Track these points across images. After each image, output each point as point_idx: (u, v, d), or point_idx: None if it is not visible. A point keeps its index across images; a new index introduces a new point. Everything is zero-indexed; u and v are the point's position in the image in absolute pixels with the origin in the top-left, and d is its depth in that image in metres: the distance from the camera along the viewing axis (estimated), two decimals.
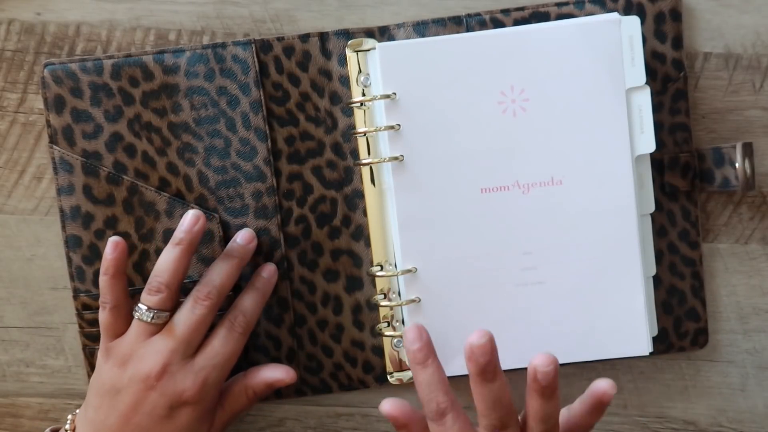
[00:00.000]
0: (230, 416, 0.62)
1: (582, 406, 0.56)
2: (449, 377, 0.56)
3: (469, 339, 0.51)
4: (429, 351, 0.54)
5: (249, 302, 0.61)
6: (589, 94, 0.60)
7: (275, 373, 0.61)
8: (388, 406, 0.56)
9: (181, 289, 0.61)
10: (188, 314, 0.58)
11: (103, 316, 0.59)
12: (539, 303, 0.61)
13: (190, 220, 0.59)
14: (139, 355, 0.58)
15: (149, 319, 0.58)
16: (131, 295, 0.62)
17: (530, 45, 0.60)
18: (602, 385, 0.54)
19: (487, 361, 0.51)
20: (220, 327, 0.60)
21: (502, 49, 0.60)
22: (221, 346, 0.59)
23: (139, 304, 0.58)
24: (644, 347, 0.62)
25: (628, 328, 0.62)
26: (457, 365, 0.59)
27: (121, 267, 0.58)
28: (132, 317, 0.59)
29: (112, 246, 0.58)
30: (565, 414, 0.57)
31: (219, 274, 0.59)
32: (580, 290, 0.62)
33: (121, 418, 0.58)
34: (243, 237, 0.61)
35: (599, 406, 0.55)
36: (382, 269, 0.63)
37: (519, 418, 0.56)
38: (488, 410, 0.53)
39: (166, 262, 0.58)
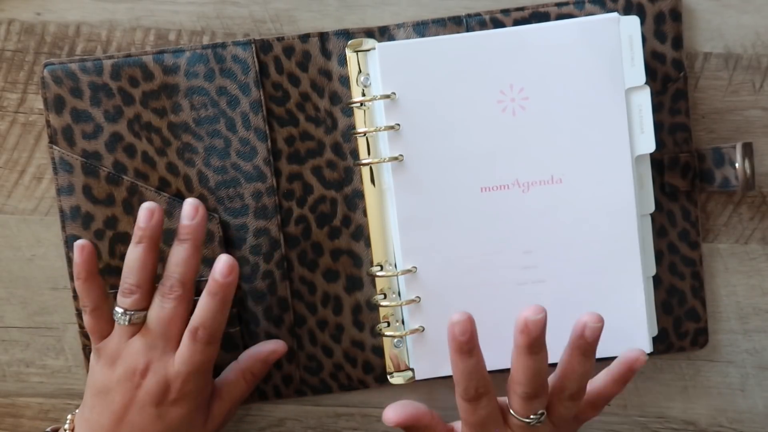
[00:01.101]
0: (230, 405, 0.62)
1: (608, 374, 0.58)
2: (447, 377, 0.56)
3: (525, 312, 0.53)
4: (475, 341, 0.55)
5: (205, 312, 0.58)
6: (589, 93, 0.61)
7: (267, 347, 0.62)
8: (391, 413, 0.58)
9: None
10: (158, 311, 0.58)
11: (86, 319, 0.59)
12: (539, 302, 0.61)
13: (144, 214, 0.57)
14: (123, 355, 0.58)
15: (126, 322, 0.58)
16: None
17: (529, 44, 0.60)
18: (634, 352, 0.58)
19: (539, 335, 0.53)
20: (185, 337, 0.58)
21: (501, 49, 0.60)
22: (190, 356, 0.58)
23: (116, 308, 0.58)
24: (645, 346, 0.62)
25: (629, 327, 0.62)
26: None
27: (92, 269, 0.58)
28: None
29: (78, 250, 0.57)
30: (590, 389, 0.58)
31: (176, 263, 0.58)
32: (581, 289, 0.62)
33: (114, 418, 0.58)
34: (188, 214, 0.58)
35: (627, 374, 0.58)
36: (382, 269, 0.63)
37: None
38: (527, 380, 0.54)
39: (132, 262, 0.58)
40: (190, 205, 0.58)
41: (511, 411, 0.56)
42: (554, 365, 0.63)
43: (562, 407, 0.56)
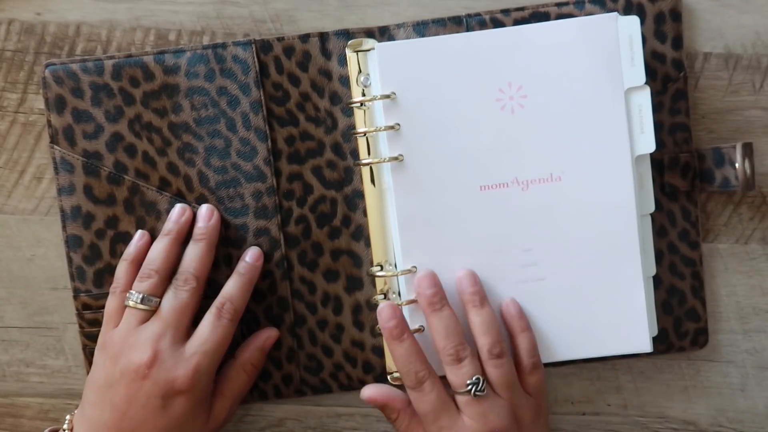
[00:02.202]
0: (232, 401, 0.62)
1: (509, 331, 0.62)
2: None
3: (417, 275, 0.60)
4: (404, 327, 0.59)
5: (234, 289, 0.61)
6: (587, 92, 0.61)
7: (261, 335, 0.63)
8: (367, 391, 0.61)
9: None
10: (172, 299, 0.60)
11: (112, 301, 0.60)
12: (540, 299, 0.62)
13: (177, 211, 0.62)
14: (129, 344, 0.59)
15: (139, 302, 0.59)
16: None
17: (528, 43, 0.60)
18: (504, 302, 0.62)
19: (434, 292, 0.59)
20: (209, 314, 0.60)
21: (499, 48, 0.60)
22: (210, 332, 0.59)
23: (131, 291, 0.60)
24: (645, 344, 0.62)
25: (629, 325, 0.62)
26: None
27: (141, 258, 0.61)
28: None
29: (139, 235, 0.62)
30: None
31: (191, 259, 0.61)
32: (581, 287, 0.62)
33: (117, 412, 0.58)
34: (203, 216, 0.62)
35: (516, 320, 0.61)
36: (382, 269, 0.63)
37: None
38: (444, 340, 0.58)
39: (157, 251, 0.61)
40: (206, 208, 0.62)
41: (454, 391, 0.58)
42: (551, 365, 0.63)
43: (492, 369, 0.58)
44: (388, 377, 0.64)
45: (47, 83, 0.62)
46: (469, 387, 0.57)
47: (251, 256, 0.62)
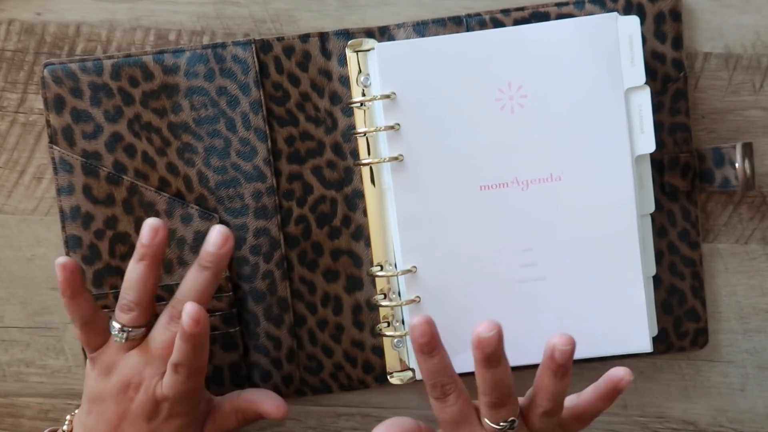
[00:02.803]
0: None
1: (595, 391, 0.57)
2: None
3: (478, 329, 0.52)
4: (435, 342, 0.55)
5: (183, 353, 0.56)
6: (587, 92, 0.61)
7: (266, 405, 0.61)
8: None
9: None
10: (162, 332, 0.58)
11: (77, 333, 0.59)
12: (540, 299, 0.61)
13: (148, 232, 0.56)
14: (119, 367, 0.58)
15: (123, 339, 0.58)
16: None
17: (527, 42, 0.60)
18: (619, 371, 0.56)
19: (493, 351, 0.53)
20: (168, 367, 0.57)
21: (499, 47, 0.60)
22: (174, 384, 0.57)
23: (113, 322, 0.58)
24: (645, 344, 0.62)
25: (630, 325, 0.62)
26: (458, 362, 0.58)
27: (77, 285, 0.57)
28: (107, 327, 0.59)
29: (60, 269, 0.56)
30: (574, 399, 0.58)
31: (190, 289, 0.57)
32: (581, 287, 0.62)
33: (110, 426, 0.58)
34: (215, 241, 0.56)
35: (613, 393, 0.56)
36: (382, 269, 0.63)
37: (523, 398, 0.57)
38: (490, 390, 0.54)
39: (133, 279, 0.57)
40: (219, 233, 0.56)
41: (484, 418, 0.56)
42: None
43: (537, 421, 0.56)
44: (389, 377, 0.64)
45: (46, 83, 0.62)
46: (502, 427, 0.55)
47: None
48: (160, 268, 0.57)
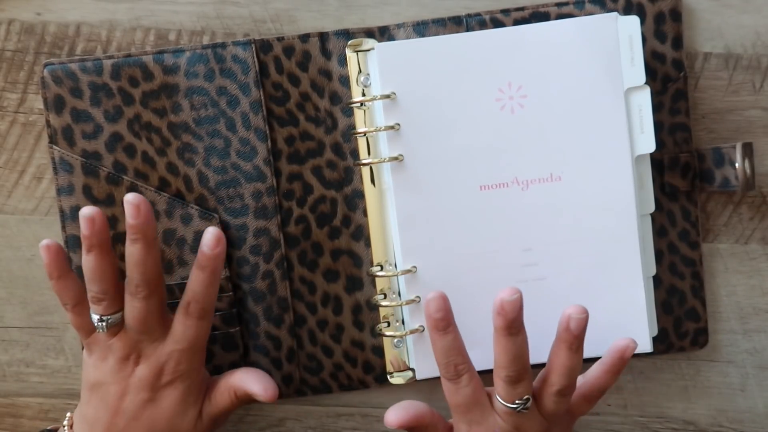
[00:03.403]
0: (217, 412, 0.61)
1: (601, 365, 0.58)
2: None
3: (500, 294, 0.54)
4: (450, 319, 0.56)
5: (197, 285, 0.58)
6: (587, 92, 0.61)
7: (254, 386, 0.60)
8: (393, 416, 0.59)
9: (182, 290, 0.62)
10: (130, 311, 0.58)
11: (70, 317, 0.59)
12: (540, 299, 0.61)
13: (84, 223, 0.55)
14: (114, 348, 0.59)
15: (104, 329, 0.58)
16: None
17: (527, 42, 0.60)
18: (623, 341, 0.57)
19: (515, 317, 0.54)
20: (178, 312, 0.59)
21: (499, 47, 0.60)
22: (182, 332, 0.58)
23: (92, 315, 0.58)
24: (645, 344, 0.62)
25: (630, 325, 0.62)
26: None
27: (63, 266, 0.57)
28: None
29: (44, 251, 0.57)
30: (581, 379, 0.59)
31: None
32: (582, 287, 0.62)
33: (110, 409, 0.59)
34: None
35: (619, 363, 0.57)
36: (382, 269, 0.63)
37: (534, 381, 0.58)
38: (508, 362, 0.55)
39: (89, 271, 0.57)
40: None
41: (497, 396, 0.56)
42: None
43: (551, 402, 0.56)
44: (389, 377, 0.64)
45: (46, 83, 0.62)
46: (517, 405, 0.56)
47: (208, 245, 0.58)
48: (111, 253, 0.57)
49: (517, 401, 0.56)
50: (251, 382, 0.61)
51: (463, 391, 0.57)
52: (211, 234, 0.57)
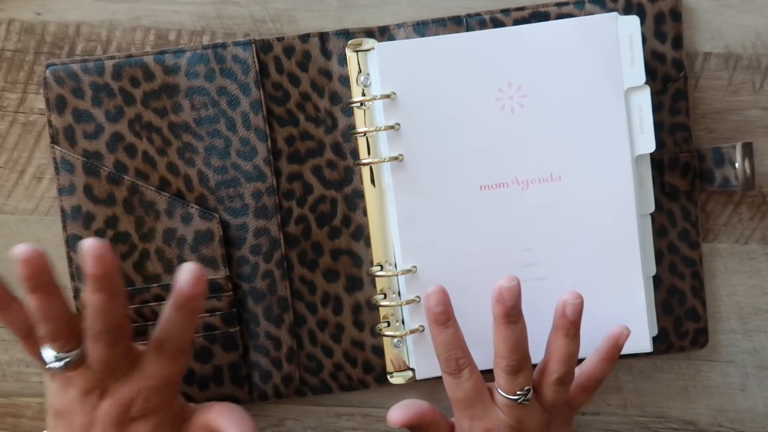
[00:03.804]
0: None
1: (597, 354, 0.59)
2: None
3: (499, 282, 0.54)
4: (450, 313, 0.57)
5: (172, 325, 0.53)
6: (587, 92, 0.61)
7: (232, 428, 0.56)
8: (396, 415, 0.59)
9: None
10: (92, 353, 0.52)
11: (22, 346, 0.54)
12: (540, 299, 0.61)
13: (21, 267, 0.50)
14: (74, 381, 0.54)
15: (61, 370, 0.53)
16: (131, 295, 0.62)
17: (527, 42, 0.60)
18: (617, 328, 0.58)
19: (514, 304, 0.54)
20: (149, 350, 0.54)
21: (499, 47, 0.60)
22: (153, 370, 0.54)
23: (43, 354, 0.53)
24: (645, 344, 0.62)
25: (630, 325, 0.61)
26: None
27: (8, 296, 0.53)
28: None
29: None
30: (578, 370, 0.59)
31: (99, 314, 0.51)
32: (582, 287, 0.61)
33: None
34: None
35: (614, 350, 0.58)
36: (382, 269, 0.63)
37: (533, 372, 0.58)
38: (508, 352, 0.55)
39: (37, 311, 0.51)
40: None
41: (498, 389, 0.57)
42: None
43: (550, 391, 0.57)
44: (389, 377, 0.64)
45: (48, 83, 0.62)
46: (518, 397, 0.56)
47: (186, 283, 0.51)
48: (57, 293, 0.51)
49: (518, 392, 0.56)
50: (228, 424, 0.56)
51: (464, 386, 0.57)
52: (189, 273, 0.51)
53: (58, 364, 0.53)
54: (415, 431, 0.60)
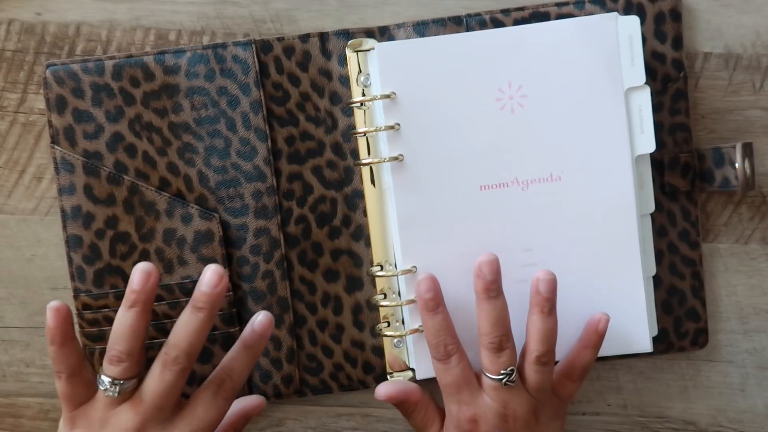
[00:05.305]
0: None
1: (579, 342, 0.60)
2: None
3: (479, 258, 0.56)
4: (440, 299, 0.59)
5: (238, 363, 0.55)
6: (587, 92, 0.61)
7: (250, 404, 0.61)
8: (382, 389, 0.61)
9: (182, 290, 0.62)
10: (156, 382, 0.54)
11: (60, 385, 0.54)
12: None
13: (140, 277, 0.52)
14: (111, 424, 0.54)
15: (116, 394, 0.53)
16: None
17: (527, 42, 0.60)
18: (596, 315, 0.60)
19: (494, 279, 0.56)
20: (206, 390, 0.55)
21: (499, 47, 0.60)
22: (204, 412, 0.55)
23: (102, 377, 0.53)
24: (645, 344, 0.62)
25: (629, 326, 0.62)
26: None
27: (69, 333, 0.53)
28: (94, 379, 0.55)
29: (52, 313, 0.53)
30: (562, 359, 0.61)
31: (186, 333, 0.53)
32: (582, 287, 0.62)
33: None
34: (209, 281, 0.53)
35: (595, 337, 0.59)
36: (382, 269, 0.63)
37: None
38: (490, 327, 0.57)
39: (123, 328, 0.53)
40: (213, 272, 0.53)
41: (484, 372, 0.58)
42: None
43: (532, 372, 0.57)
44: (389, 378, 0.64)
45: (48, 83, 0.62)
46: (502, 377, 0.57)
47: (261, 325, 0.56)
48: (150, 315, 0.54)
49: (502, 372, 0.57)
50: (244, 406, 0.60)
51: (452, 371, 0.58)
52: (264, 315, 0.56)
53: (113, 389, 0.53)
54: (403, 411, 0.62)
